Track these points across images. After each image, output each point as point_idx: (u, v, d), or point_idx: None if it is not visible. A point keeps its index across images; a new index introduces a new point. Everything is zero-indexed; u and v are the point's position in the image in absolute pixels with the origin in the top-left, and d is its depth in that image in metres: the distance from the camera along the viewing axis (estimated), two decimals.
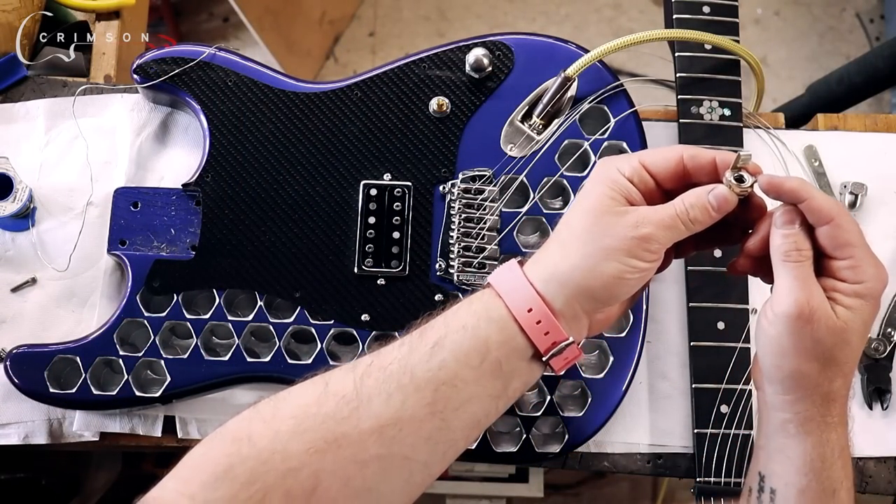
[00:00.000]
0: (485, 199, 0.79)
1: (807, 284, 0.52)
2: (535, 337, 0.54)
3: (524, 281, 0.55)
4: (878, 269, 0.52)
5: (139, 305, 0.76)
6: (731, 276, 0.79)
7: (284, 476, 0.50)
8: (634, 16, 2.02)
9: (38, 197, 0.83)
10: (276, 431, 0.51)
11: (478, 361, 0.53)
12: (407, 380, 0.53)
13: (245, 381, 0.77)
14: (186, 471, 0.51)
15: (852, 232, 0.52)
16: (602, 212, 0.54)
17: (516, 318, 0.54)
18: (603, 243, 0.53)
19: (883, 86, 1.15)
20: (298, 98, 0.80)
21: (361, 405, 0.52)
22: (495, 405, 0.55)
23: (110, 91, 0.87)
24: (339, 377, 0.54)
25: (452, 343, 0.53)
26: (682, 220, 0.54)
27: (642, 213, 0.54)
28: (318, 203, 0.79)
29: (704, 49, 0.84)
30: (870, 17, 2.02)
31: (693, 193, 0.54)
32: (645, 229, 0.53)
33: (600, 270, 0.53)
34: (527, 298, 0.54)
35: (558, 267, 0.54)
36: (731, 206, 0.54)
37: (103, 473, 1.18)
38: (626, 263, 0.53)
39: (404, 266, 0.78)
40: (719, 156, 0.54)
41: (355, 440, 0.51)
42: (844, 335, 0.52)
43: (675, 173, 0.55)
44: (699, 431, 0.76)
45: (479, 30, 2.00)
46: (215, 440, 0.53)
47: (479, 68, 0.80)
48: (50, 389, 0.74)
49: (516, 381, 0.55)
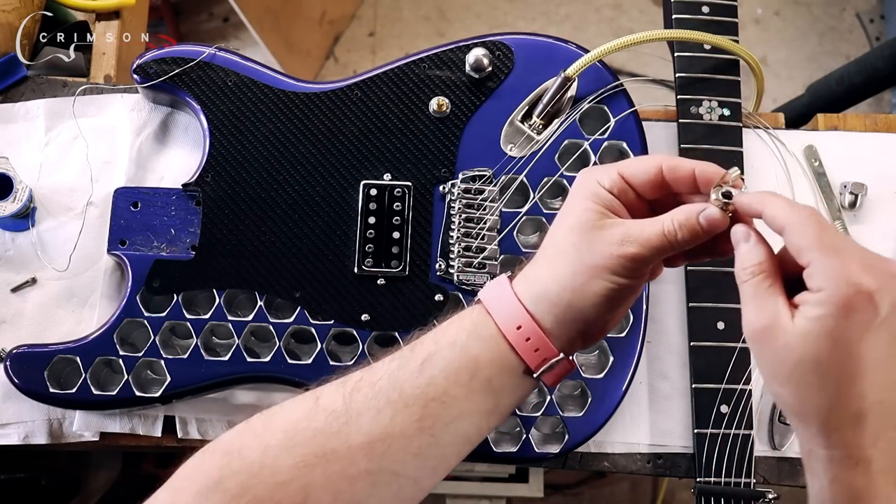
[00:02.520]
0: (485, 199, 0.79)
1: (757, 301, 0.48)
2: (526, 354, 0.54)
3: (514, 299, 0.54)
4: (842, 271, 0.44)
5: (139, 305, 0.76)
6: (730, 276, 0.78)
7: (274, 490, 0.50)
8: (634, 16, 2.02)
9: (38, 197, 0.83)
10: (267, 445, 0.52)
11: (467, 378, 0.53)
12: (396, 396, 0.53)
13: (245, 381, 0.77)
14: (178, 482, 0.52)
15: (806, 235, 0.46)
16: (586, 227, 0.53)
17: (506, 336, 0.53)
18: (590, 261, 0.52)
19: (883, 86, 1.15)
20: (298, 98, 0.80)
21: (351, 420, 0.52)
22: (486, 421, 0.55)
23: (110, 91, 0.87)
24: (329, 392, 0.54)
25: (442, 360, 0.53)
26: (669, 239, 0.52)
27: (627, 228, 0.53)
28: (318, 203, 0.79)
29: (704, 49, 0.84)
30: (870, 17, 2.02)
31: (683, 212, 0.52)
32: (631, 248, 0.52)
33: (588, 289, 0.52)
34: (516, 316, 0.53)
35: (547, 287, 0.54)
36: (722, 226, 0.52)
37: (103, 473, 1.18)
38: (613, 281, 0.52)
39: (404, 266, 0.78)
40: (698, 168, 0.52)
41: (344, 455, 0.52)
42: (805, 350, 0.44)
43: (655, 184, 0.54)
44: (699, 431, 0.76)
45: (479, 30, 2.00)
46: (207, 453, 0.53)
47: (479, 68, 0.80)
48: (50, 389, 0.74)
49: (507, 398, 0.55)
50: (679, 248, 0.53)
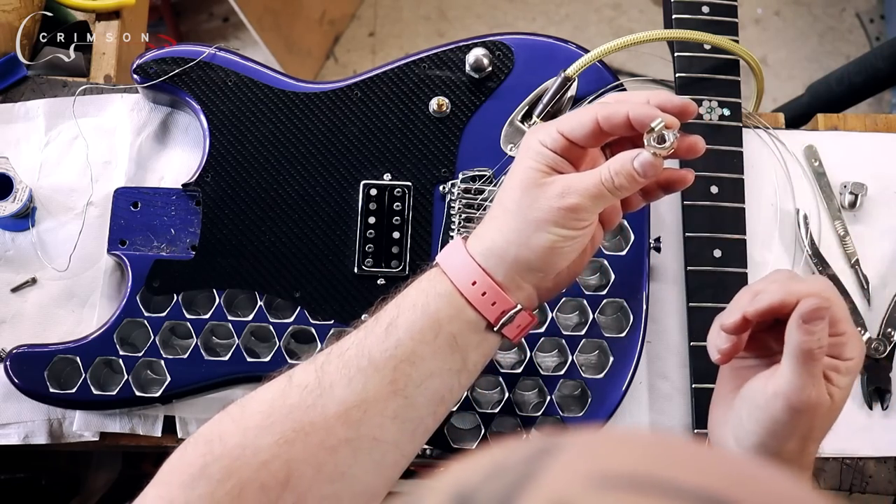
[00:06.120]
0: (485, 199, 0.79)
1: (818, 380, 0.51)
2: (483, 308, 0.55)
3: (466, 255, 0.56)
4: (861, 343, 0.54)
5: (139, 305, 0.76)
6: (730, 276, 0.79)
7: (258, 469, 0.51)
8: (634, 16, 2.02)
9: (38, 197, 0.83)
10: (245, 428, 0.53)
11: (432, 337, 0.54)
12: (366, 362, 0.54)
13: (245, 381, 0.77)
14: (165, 476, 0.53)
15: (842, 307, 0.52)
16: (529, 185, 0.54)
17: (462, 292, 0.55)
18: (532, 216, 0.54)
19: (883, 86, 1.15)
20: (298, 98, 0.80)
21: (325, 392, 0.53)
22: (457, 379, 0.56)
23: (110, 91, 0.87)
24: (301, 369, 0.56)
25: (405, 322, 0.55)
26: (607, 187, 0.53)
27: (567, 181, 0.54)
28: (318, 203, 0.79)
29: (704, 49, 0.84)
30: (870, 17, 2.02)
31: (618, 160, 0.53)
32: (570, 199, 0.53)
33: (533, 243, 0.54)
34: (470, 272, 0.55)
35: (495, 241, 0.55)
36: (658, 170, 0.53)
37: (103, 473, 1.18)
38: (556, 234, 0.54)
39: (404, 266, 0.78)
40: (632, 113, 0.53)
41: (322, 426, 0.53)
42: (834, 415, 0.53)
43: (594, 135, 0.54)
44: (699, 431, 0.76)
45: (479, 30, 2.00)
46: (189, 445, 0.54)
47: (479, 68, 0.80)
48: (50, 389, 0.74)
49: (474, 354, 0.56)
50: (623, 194, 0.54)
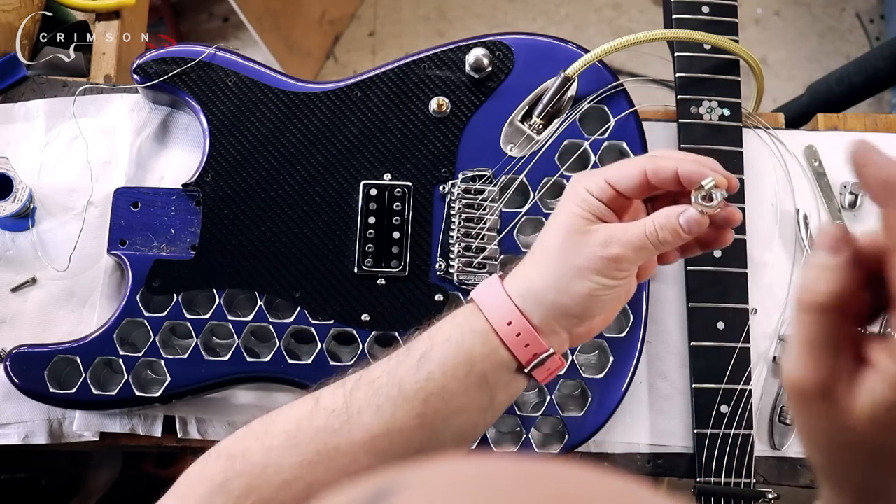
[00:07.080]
0: (485, 199, 0.79)
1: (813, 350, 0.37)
2: (516, 349, 0.54)
3: (503, 295, 0.55)
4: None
5: (139, 305, 0.76)
6: (730, 276, 0.79)
7: (279, 489, 0.51)
8: (634, 16, 2.02)
9: (38, 197, 0.83)
10: (269, 446, 0.52)
11: (464, 373, 0.54)
12: (396, 391, 0.53)
13: (245, 381, 0.77)
14: (183, 488, 0.53)
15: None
16: (572, 231, 0.54)
17: (497, 331, 0.54)
18: (574, 262, 0.54)
19: (883, 86, 1.15)
20: (298, 98, 0.80)
21: (352, 417, 0.53)
22: (483, 417, 0.56)
23: (110, 91, 0.87)
24: (329, 392, 0.55)
25: (438, 355, 0.54)
26: (651, 240, 0.53)
27: (611, 231, 0.54)
28: (318, 203, 0.79)
29: (704, 49, 0.84)
30: (870, 17, 2.02)
31: (663, 214, 0.53)
32: (614, 249, 0.53)
33: (573, 289, 0.54)
34: (506, 312, 0.55)
35: (534, 284, 0.55)
36: (703, 227, 0.53)
37: (103, 473, 1.18)
38: (596, 282, 0.53)
39: (404, 266, 0.78)
40: (681, 169, 0.53)
41: (347, 452, 0.52)
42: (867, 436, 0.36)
43: (641, 187, 0.55)
44: (699, 431, 0.76)
45: (479, 30, 2.00)
46: (210, 458, 0.54)
47: (479, 68, 0.80)
48: (50, 389, 0.74)
49: (501, 394, 0.56)
50: (665, 248, 0.54)
